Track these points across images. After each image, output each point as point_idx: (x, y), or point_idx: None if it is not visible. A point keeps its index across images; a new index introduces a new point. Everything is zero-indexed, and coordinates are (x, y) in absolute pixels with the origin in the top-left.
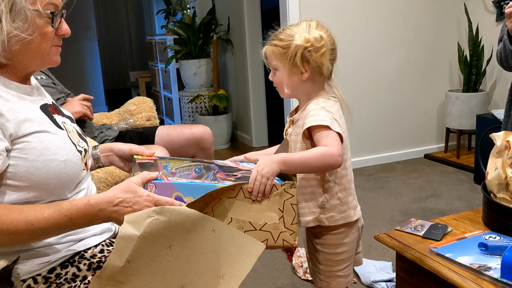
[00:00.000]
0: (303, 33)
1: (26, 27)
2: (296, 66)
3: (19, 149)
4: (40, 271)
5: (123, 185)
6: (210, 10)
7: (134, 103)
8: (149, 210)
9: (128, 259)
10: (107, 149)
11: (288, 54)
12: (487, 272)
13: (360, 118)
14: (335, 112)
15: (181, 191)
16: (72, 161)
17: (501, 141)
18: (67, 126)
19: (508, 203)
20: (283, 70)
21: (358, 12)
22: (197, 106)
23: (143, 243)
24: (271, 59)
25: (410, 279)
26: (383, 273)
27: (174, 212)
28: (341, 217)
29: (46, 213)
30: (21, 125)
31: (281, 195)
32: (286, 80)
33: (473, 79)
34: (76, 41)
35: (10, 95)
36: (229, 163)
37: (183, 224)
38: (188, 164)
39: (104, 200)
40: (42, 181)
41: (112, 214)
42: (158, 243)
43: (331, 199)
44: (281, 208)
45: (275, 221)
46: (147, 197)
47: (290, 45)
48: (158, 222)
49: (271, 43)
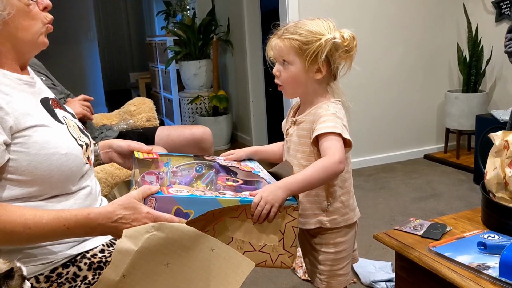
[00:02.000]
0: (333, 31)
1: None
2: (315, 64)
3: (20, 143)
4: (42, 271)
5: (123, 200)
6: (210, 11)
7: (134, 104)
8: (147, 225)
9: (124, 274)
10: (106, 145)
11: (310, 49)
12: (486, 271)
13: (360, 118)
14: (343, 117)
15: (181, 204)
16: (73, 154)
17: (499, 140)
18: (68, 120)
19: (507, 202)
20: (298, 66)
21: (358, 13)
22: (197, 107)
23: (140, 258)
24: (286, 52)
25: (409, 278)
26: (382, 273)
27: (173, 229)
28: (343, 219)
29: (44, 219)
30: (21, 118)
31: (284, 217)
32: (300, 77)
33: (472, 79)
34: (76, 42)
35: (10, 88)
36: (230, 161)
37: (181, 242)
38: (190, 162)
39: (103, 215)
40: (44, 174)
41: (110, 229)
42: (155, 260)
43: (334, 203)
44: (282, 231)
45: (275, 243)
46: (146, 214)
47: (314, 41)
48: (156, 238)
49: (287, 36)
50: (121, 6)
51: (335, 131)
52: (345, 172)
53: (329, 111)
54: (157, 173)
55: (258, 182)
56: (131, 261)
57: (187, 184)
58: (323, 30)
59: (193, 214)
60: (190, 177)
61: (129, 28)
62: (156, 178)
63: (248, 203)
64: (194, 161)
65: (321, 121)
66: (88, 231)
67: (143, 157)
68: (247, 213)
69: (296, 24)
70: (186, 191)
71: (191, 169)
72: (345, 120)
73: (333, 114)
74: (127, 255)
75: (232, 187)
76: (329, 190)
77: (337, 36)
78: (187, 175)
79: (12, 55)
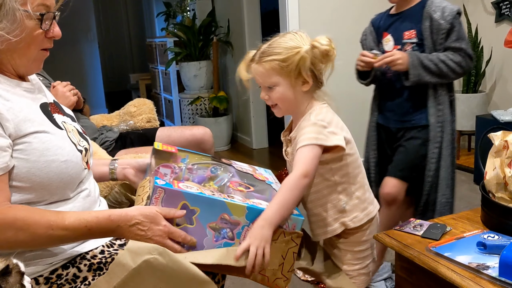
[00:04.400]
0: (309, 41)
1: (14, 28)
2: (300, 77)
3: (20, 150)
4: (42, 272)
5: (146, 208)
6: (210, 13)
7: (134, 105)
8: (152, 246)
9: (115, 287)
10: (125, 162)
11: (292, 65)
12: (486, 270)
13: (361, 119)
14: (329, 121)
15: (188, 200)
16: (72, 161)
17: (499, 141)
18: (67, 125)
19: (506, 202)
20: (284, 85)
21: (358, 14)
22: (197, 108)
23: (134, 276)
24: (268, 75)
25: (409, 278)
26: (382, 273)
27: (175, 260)
28: (364, 214)
29: (66, 221)
30: (21, 124)
31: (287, 243)
32: (289, 94)
33: (472, 80)
34: (76, 43)
35: (11, 94)
36: (246, 167)
37: (179, 276)
38: (206, 162)
39: (123, 217)
40: (44, 181)
41: (126, 233)
42: (149, 282)
43: (350, 200)
44: (284, 255)
45: (275, 267)
46: (163, 227)
47: (292, 56)
48: (155, 262)
49: (264, 59)
50: (121, 7)
51: (309, 143)
52: (355, 168)
53: (310, 121)
54: (173, 167)
55: (270, 192)
56: (125, 277)
57: (199, 182)
58: (298, 43)
59: (199, 211)
60: (203, 176)
61: (129, 29)
62: (171, 171)
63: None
64: (211, 161)
65: (300, 134)
66: (108, 232)
67: (162, 149)
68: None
69: (270, 45)
70: (196, 188)
71: (206, 169)
72: (332, 124)
73: (314, 124)
74: (124, 270)
75: (243, 193)
76: (338, 189)
77: (315, 45)
78: (201, 174)
79: (8, 67)
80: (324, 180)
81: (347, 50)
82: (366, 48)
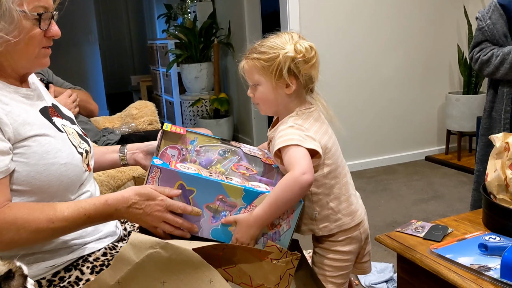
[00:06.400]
0: (290, 44)
1: (12, 28)
2: (282, 79)
3: (19, 153)
4: (44, 274)
5: (139, 187)
6: (211, 14)
7: (136, 107)
8: (154, 240)
9: (119, 281)
10: (134, 147)
11: (273, 66)
12: (487, 272)
13: (361, 120)
14: (308, 127)
15: (185, 180)
16: (73, 163)
17: (500, 142)
18: (67, 128)
19: (507, 204)
20: (266, 85)
21: (358, 15)
22: (198, 109)
23: (138, 270)
24: (252, 73)
25: (411, 280)
26: (384, 275)
27: (178, 251)
28: (336, 225)
29: (66, 212)
30: (21, 128)
31: (287, 263)
32: (270, 95)
33: (473, 81)
34: (77, 45)
35: (9, 99)
36: (255, 150)
37: (183, 266)
38: (215, 145)
39: (120, 200)
40: (43, 184)
41: (125, 214)
42: (153, 276)
43: (322, 211)
44: (281, 275)
45: (271, 286)
46: (159, 201)
47: (274, 57)
48: (158, 256)
49: (250, 56)
50: (122, 9)
51: (291, 143)
52: (331, 178)
53: (287, 124)
54: (180, 149)
55: (277, 177)
56: (129, 271)
57: (206, 165)
58: (283, 44)
59: (195, 192)
60: (211, 159)
61: (130, 31)
62: (178, 153)
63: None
64: (220, 144)
65: (278, 137)
66: (107, 217)
67: (171, 130)
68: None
69: (262, 41)
70: (193, 169)
71: (214, 151)
72: (310, 131)
73: (290, 127)
74: (127, 264)
75: (245, 176)
76: (313, 199)
77: (289, 49)
78: (209, 157)
79: (10, 70)
80: None
81: (348, 50)
82: (498, 34)
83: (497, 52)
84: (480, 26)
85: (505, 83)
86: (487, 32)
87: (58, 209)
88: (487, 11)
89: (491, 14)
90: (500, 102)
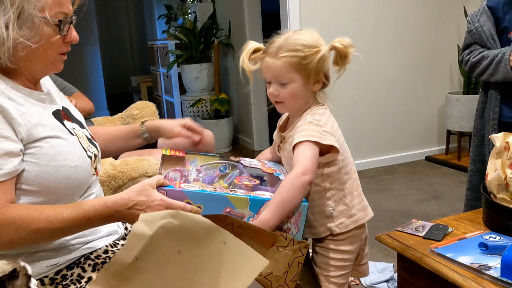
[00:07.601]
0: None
1: (33, 34)
2: (317, 76)
3: (30, 154)
4: (47, 273)
5: (138, 187)
6: (211, 15)
7: (137, 108)
8: (164, 212)
9: (137, 256)
10: (154, 129)
11: (311, 64)
12: (487, 271)
13: (362, 120)
14: (326, 122)
15: (191, 198)
16: (82, 166)
17: (500, 142)
18: (77, 131)
19: (507, 203)
20: (298, 82)
21: (358, 16)
22: (198, 110)
23: (153, 243)
24: (284, 71)
25: (411, 279)
26: (384, 274)
27: (188, 218)
28: (351, 221)
29: (65, 214)
30: (34, 129)
31: (295, 251)
32: (301, 92)
33: (473, 81)
34: (78, 46)
35: (24, 100)
36: (255, 163)
37: (195, 232)
38: (215, 162)
39: (119, 202)
40: (52, 185)
41: (126, 216)
42: (168, 246)
43: (337, 206)
44: (290, 263)
45: (280, 274)
46: (160, 202)
47: (312, 55)
48: (171, 225)
49: (282, 54)
50: (123, 10)
51: (307, 139)
52: (344, 174)
53: (306, 120)
54: (182, 171)
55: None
56: (145, 245)
57: (210, 182)
58: (317, 42)
59: (202, 208)
60: (213, 176)
61: (131, 32)
62: (181, 175)
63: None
64: (219, 161)
65: (297, 131)
66: (107, 219)
67: (170, 154)
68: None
69: (286, 40)
70: (198, 186)
71: (215, 168)
72: (327, 125)
73: (310, 123)
74: (142, 239)
75: (249, 187)
76: (327, 195)
77: (336, 46)
78: (211, 174)
79: (25, 73)
80: (315, 185)
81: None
82: (485, 36)
83: (486, 55)
84: (469, 29)
85: (493, 85)
86: (475, 34)
87: (58, 210)
88: (476, 14)
89: (480, 16)
90: (489, 103)
